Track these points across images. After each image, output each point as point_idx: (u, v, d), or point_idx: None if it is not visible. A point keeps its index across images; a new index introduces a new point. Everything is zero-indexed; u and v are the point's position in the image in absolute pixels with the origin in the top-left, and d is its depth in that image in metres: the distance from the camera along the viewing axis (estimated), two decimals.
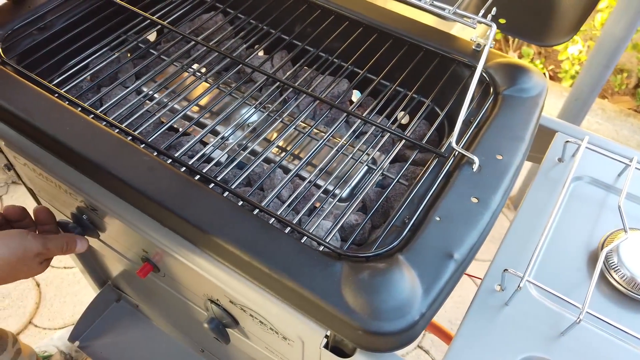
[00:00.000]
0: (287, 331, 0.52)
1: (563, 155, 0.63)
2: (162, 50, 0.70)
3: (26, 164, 0.63)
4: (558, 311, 0.50)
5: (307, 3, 0.72)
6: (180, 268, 0.58)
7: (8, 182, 1.71)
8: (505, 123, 0.57)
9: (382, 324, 0.41)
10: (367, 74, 0.68)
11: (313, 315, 0.45)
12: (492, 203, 0.50)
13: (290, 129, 0.62)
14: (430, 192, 0.51)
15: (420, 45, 0.66)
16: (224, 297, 0.55)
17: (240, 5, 0.76)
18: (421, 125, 0.67)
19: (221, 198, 0.49)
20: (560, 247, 0.56)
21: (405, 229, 0.48)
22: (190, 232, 0.49)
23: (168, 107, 0.64)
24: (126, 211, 0.55)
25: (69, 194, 0.62)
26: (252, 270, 0.46)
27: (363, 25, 0.69)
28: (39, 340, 1.39)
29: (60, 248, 0.57)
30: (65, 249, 0.58)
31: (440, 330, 0.77)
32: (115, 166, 0.50)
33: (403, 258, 0.45)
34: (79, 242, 0.60)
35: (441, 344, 1.38)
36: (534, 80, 0.61)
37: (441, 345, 1.40)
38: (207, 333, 0.61)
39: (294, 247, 0.46)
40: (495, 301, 0.51)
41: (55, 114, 0.55)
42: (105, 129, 0.54)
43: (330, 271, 0.44)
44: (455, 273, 0.45)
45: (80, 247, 0.60)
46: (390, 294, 0.43)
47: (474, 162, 0.52)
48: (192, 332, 0.90)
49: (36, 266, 0.55)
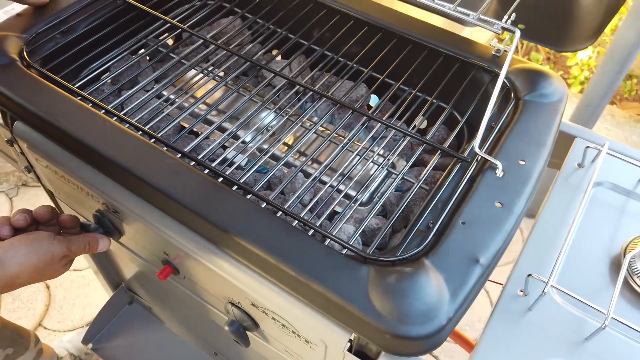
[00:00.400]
0: (310, 334, 0.52)
1: (583, 160, 0.63)
2: (182, 55, 0.71)
3: (48, 166, 0.64)
4: (582, 317, 0.50)
5: (326, 8, 0.73)
6: (201, 271, 0.58)
7: (18, 185, 1.72)
8: (527, 128, 0.57)
9: (410, 328, 0.41)
10: (385, 79, 0.69)
11: (339, 319, 0.45)
12: (516, 208, 0.50)
13: (311, 133, 0.63)
14: (454, 196, 0.52)
15: (439, 50, 0.67)
16: (245, 300, 0.55)
17: (259, 11, 0.76)
18: (440, 130, 0.67)
19: (246, 200, 0.49)
20: (582, 253, 0.56)
21: (430, 234, 0.48)
22: (215, 235, 0.50)
23: (188, 110, 0.65)
24: (149, 213, 0.55)
25: (91, 196, 0.62)
26: (278, 274, 0.47)
27: (382, 30, 0.70)
28: (49, 342, 1.39)
29: (84, 248, 0.59)
30: (87, 248, 0.59)
31: (459, 335, 0.76)
32: (142, 169, 0.51)
33: (429, 262, 0.45)
34: (101, 241, 0.61)
35: (450, 349, 1.37)
36: (554, 85, 0.62)
37: (450, 351, 1.39)
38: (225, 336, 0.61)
39: (320, 250, 0.46)
40: (518, 306, 0.51)
41: (80, 117, 0.55)
42: (129, 131, 0.55)
43: (357, 275, 0.44)
44: (481, 278, 0.45)
45: (103, 245, 0.61)
46: (418, 298, 0.43)
47: (497, 167, 0.52)
48: (207, 335, 0.91)
49: (61, 268, 0.56)
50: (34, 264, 0.54)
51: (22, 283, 0.54)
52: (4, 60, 0.60)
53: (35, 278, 0.55)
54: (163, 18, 0.71)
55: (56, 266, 0.56)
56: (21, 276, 0.53)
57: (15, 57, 0.61)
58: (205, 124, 0.69)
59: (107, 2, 0.71)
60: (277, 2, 0.76)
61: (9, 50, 0.62)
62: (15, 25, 0.65)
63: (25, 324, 1.41)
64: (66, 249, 0.56)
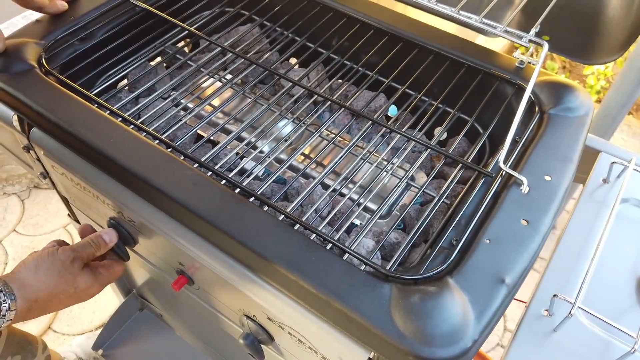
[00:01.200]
0: (327, 352, 0.51)
1: (609, 176, 0.61)
2: (200, 62, 0.70)
3: (64, 173, 0.63)
4: (609, 339, 0.49)
5: (346, 17, 0.72)
6: (217, 283, 0.57)
7: (30, 187, 1.73)
8: (552, 143, 0.56)
9: (434, 351, 0.40)
10: (406, 90, 0.68)
11: (359, 338, 0.44)
12: (542, 226, 0.49)
13: (329, 145, 0.62)
14: (478, 213, 0.50)
15: (462, 61, 0.65)
16: (261, 314, 0.54)
17: (277, 18, 0.75)
18: (461, 142, 0.66)
19: (264, 213, 0.48)
20: (608, 272, 0.54)
21: (454, 251, 0.47)
22: (232, 247, 0.49)
23: (206, 119, 0.64)
24: (165, 224, 0.55)
25: (106, 204, 0.61)
26: (297, 289, 0.45)
27: (403, 40, 0.69)
28: (58, 345, 1.39)
29: (89, 245, 0.60)
30: (94, 245, 0.61)
31: (481, 356, 0.75)
32: (159, 179, 0.50)
33: (453, 282, 0.44)
34: (106, 235, 0.62)
35: None
36: (580, 99, 0.60)
37: None
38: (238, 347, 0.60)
39: (340, 266, 0.45)
40: (542, 327, 0.50)
41: (97, 125, 0.55)
42: (147, 140, 0.54)
43: (379, 293, 0.43)
44: (506, 298, 0.44)
45: (109, 238, 0.62)
46: (443, 319, 0.41)
47: (522, 183, 0.51)
48: (219, 345, 0.90)
49: (80, 272, 0.59)
50: (46, 272, 0.56)
51: (46, 301, 0.56)
52: (23, 67, 0.60)
53: (60, 292, 0.56)
54: (181, 25, 0.70)
55: (74, 270, 0.57)
56: (41, 290, 0.55)
57: (33, 63, 0.61)
58: (222, 133, 0.69)
59: (126, 9, 0.71)
60: (296, 10, 0.75)
61: (28, 57, 0.61)
62: (34, 32, 0.65)
63: (35, 327, 1.41)
64: (70, 250, 0.58)
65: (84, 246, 0.60)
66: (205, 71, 0.69)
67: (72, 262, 0.58)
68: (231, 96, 0.68)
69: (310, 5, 0.75)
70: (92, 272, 0.61)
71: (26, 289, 0.54)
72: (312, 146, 0.71)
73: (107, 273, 0.63)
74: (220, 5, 0.78)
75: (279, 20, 0.75)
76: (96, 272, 0.61)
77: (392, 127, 0.61)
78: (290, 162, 0.61)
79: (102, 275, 0.62)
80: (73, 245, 0.60)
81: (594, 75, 1.95)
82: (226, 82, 0.70)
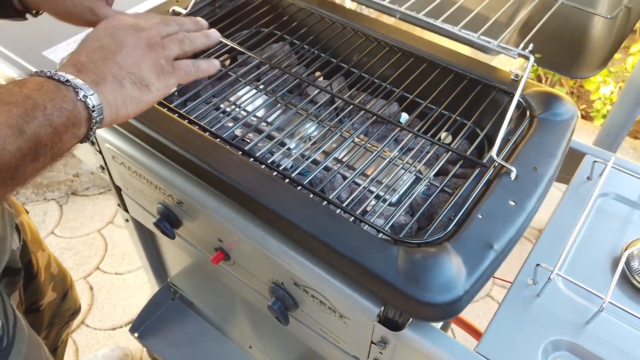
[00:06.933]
0: (345, 309, 0.60)
1: (591, 174, 0.71)
2: (239, 73, 0.82)
3: (123, 162, 0.75)
4: (584, 304, 0.57)
5: (365, 36, 0.83)
6: (251, 255, 0.67)
7: (68, 193, 1.86)
8: (540, 141, 0.66)
9: (433, 296, 0.49)
10: (415, 98, 0.78)
11: (373, 289, 0.54)
12: (527, 206, 0.58)
13: (349, 142, 0.72)
14: (473, 195, 0.60)
15: (464, 74, 0.76)
16: (289, 280, 0.64)
17: (305, 38, 0.87)
18: (463, 143, 0.76)
19: (297, 191, 0.59)
20: (587, 254, 0.63)
21: (451, 224, 0.57)
22: (270, 217, 0.59)
23: (242, 121, 0.75)
24: (211, 202, 0.65)
25: (158, 189, 0.72)
26: (323, 250, 0.55)
27: (414, 56, 0.80)
28: (91, 339, 1.49)
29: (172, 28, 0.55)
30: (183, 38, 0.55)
31: (469, 326, 0.85)
32: (211, 161, 0.61)
33: (450, 246, 0.54)
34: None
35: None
36: (566, 106, 0.70)
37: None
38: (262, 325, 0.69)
39: (359, 232, 0.55)
40: (528, 293, 0.58)
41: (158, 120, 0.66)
42: (198, 131, 0.65)
43: (389, 253, 0.53)
44: (494, 260, 0.53)
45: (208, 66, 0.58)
46: (440, 272, 0.51)
47: (512, 172, 0.61)
48: (244, 326, 0.99)
49: (143, 45, 0.51)
50: (88, 39, 0.50)
51: (95, 61, 0.48)
52: None
53: (103, 54, 0.49)
54: (225, 41, 0.82)
55: (125, 39, 0.50)
56: (83, 55, 0.49)
57: None
58: (256, 133, 0.80)
59: None
60: (322, 31, 0.87)
61: None
62: None
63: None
64: (135, 18, 0.52)
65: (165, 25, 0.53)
66: (243, 81, 0.81)
67: (137, 30, 0.51)
68: (263, 102, 0.80)
69: (334, 26, 0.86)
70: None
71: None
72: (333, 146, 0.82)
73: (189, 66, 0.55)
74: (257, 26, 0.90)
75: (306, 39, 0.87)
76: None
77: (403, 127, 0.71)
78: (314, 157, 0.71)
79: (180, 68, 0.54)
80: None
81: (600, 101, 2.04)
82: (259, 90, 0.82)
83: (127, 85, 0.49)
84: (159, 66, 0.51)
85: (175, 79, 0.53)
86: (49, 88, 0.43)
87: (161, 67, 0.51)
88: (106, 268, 1.67)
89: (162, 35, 0.53)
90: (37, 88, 0.43)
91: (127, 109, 0.49)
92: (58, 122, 0.43)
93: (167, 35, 0.54)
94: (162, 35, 0.53)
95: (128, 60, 0.49)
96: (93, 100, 0.45)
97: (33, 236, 0.85)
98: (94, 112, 0.45)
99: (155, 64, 0.51)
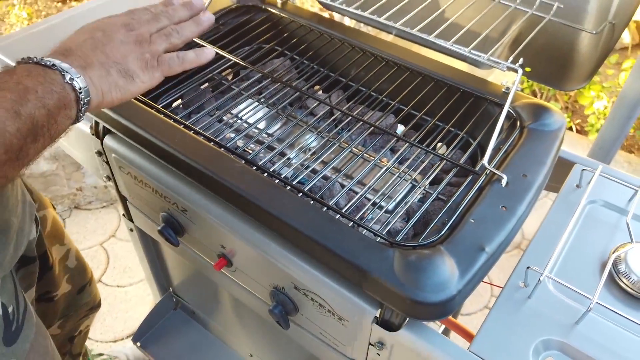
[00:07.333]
0: (343, 311, 0.62)
1: (580, 182, 0.73)
2: (241, 87, 0.85)
3: (129, 172, 0.78)
4: (573, 305, 0.59)
5: (362, 51, 0.87)
6: (253, 260, 0.69)
7: (71, 207, 1.89)
8: (529, 150, 0.69)
9: (427, 295, 0.52)
10: (410, 111, 0.81)
11: (370, 290, 0.56)
12: (518, 211, 0.61)
13: (347, 152, 0.75)
14: (466, 201, 0.63)
15: (457, 87, 0.79)
16: (289, 284, 0.66)
17: (305, 53, 0.91)
18: (456, 153, 0.79)
19: (298, 197, 0.62)
20: (576, 258, 0.65)
21: (445, 228, 0.59)
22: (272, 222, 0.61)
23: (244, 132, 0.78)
24: (215, 209, 0.68)
25: (163, 197, 0.75)
26: (322, 254, 0.58)
27: (409, 70, 0.83)
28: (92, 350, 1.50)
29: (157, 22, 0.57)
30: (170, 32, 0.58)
31: (459, 327, 0.87)
32: (216, 170, 0.64)
33: (444, 248, 0.56)
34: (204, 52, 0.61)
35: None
36: (554, 117, 0.73)
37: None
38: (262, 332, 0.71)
39: (357, 236, 0.57)
40: (519, 295, 0.61)
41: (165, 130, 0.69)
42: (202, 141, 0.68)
43: (385, 255, 0.55)
44: (486, 262, 0.56)
45: (205, 55, 0.61)
46: (434, 273, 0.53)
47: (503, 179, 0.64)
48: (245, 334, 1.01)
49: (131, 41, 0.54)
50: (77, 32, 0.54)
51: (82, 49, 0.52)
52: None
53: (92, 44, 0.52)
54: (229, 57, 0.85)
55: (114, 35, 0.53)
56: (71, 44, 0.52)
57: None
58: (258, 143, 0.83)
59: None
60: (321, 47, 0.90)
61: None
62: None
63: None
64: (127, 14, 0.56)
65: (143, 14, 0.57)
66: (245, 94, 0.84)
67: (122, 25, 0.55)
68: (264, 114, 0.83)
69: (332, 42, 0.90)
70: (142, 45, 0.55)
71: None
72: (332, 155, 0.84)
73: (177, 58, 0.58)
74: (259, 42, 0.94)
75: (306, 55, 0.91)
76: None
77: (400, 137, 0.74)
78: (313, 167, 0.74)
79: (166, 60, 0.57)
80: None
81: (594, 115, 2.08)
82: (261, 103, 0.85)
83: (113, 73, 0.52)
84: (144, 60, 0.55)
85: (159, 72, 0.56)
86: (37, 73, 0.47)
87: (146, 61, 0.55)
88: (108, 281, 1.68)
89: (151, 32, 0.57)
90: (26, 74, 0.46)
91: (112, 94, 0.52)
92: (50, 104, 0.46)
93: (157, 30, 0.57)
94: (151, 32, 0.57)
95: (115, 52, 0.53)
96: (79, 83, 0.49)
97: (54, 230, 0.89)
98: (81, 93, 0.49)
99: (140, 58, 0.54)
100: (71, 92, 0.48)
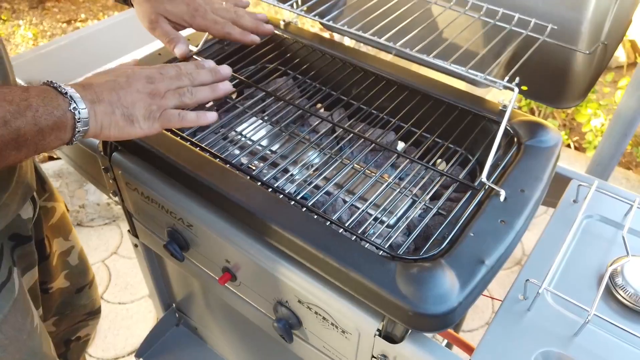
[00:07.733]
0: (346, 324, 0.63)
1: (577, 197, 0.75)
2: (245, 106, 0.88)
3: (136, 188, 0.79)
4: (572, 317, 0.61)
5: (363, 71, 0.89)
6: (257, 274, 0.71)
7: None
8: (527, 166, 0.70)
9: (428, 307, 0.53)
10: (410, 128, 0.83)
11: (372, 302, 0.57)
12: (516, 225, 0.62)
13: (348, 168, 0.77)
14: (465, 215, 0.64)
15: (455, 105, 0.82)
16: (293, 298, 0.68)
17: (307, 72, 0.93)
18: (456, 169, 0.81)
19: (302, 212, 0.63)
20: (574, 271, 0.67)
21: (445, 241, 0.61)
22: (276, 235, 0.63)
23: (248, 149, 0.80)
24: (219, 224, 0.69)
25: (169, 213, 0.77)
26: (326, 266, 0.59)
27: (409, 89, 0.86)
28: None
29: (177, 77, 0.64)
30: (193, 76, 0.65)
31: (461, 341, 0.88)
32: (221, 185, 0.65)
33: (444, 261, 0.58)
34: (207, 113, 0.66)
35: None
36: (551, 134, 0.75)
37: None
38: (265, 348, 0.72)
39: (360, 249, 0.59)
40: (519, 308, 0.62)
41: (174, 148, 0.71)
42: (208, 157, 0.70)
43: (387, 268, 0.57)
44: (486, 275, 0.57)
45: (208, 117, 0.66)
46: (435, 285, 0.55)
47: (501, 194, 0.65)
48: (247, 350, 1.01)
49: (146, 92, 0.60)
50: (108, 71, 0.61)
51: (101, 87, 0.57)
52: None
53: (111, 86, 0.58)
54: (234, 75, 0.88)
55: (134, 83, 0.59)
56: (94, 80, 0.59)
57: None
58: (261, 160, 0.85)
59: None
60: (323, 66, 0.93)
61: None
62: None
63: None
64: (155, 69, 0.62)
65: (169, 71, 0.63)
66: (249, 112, 0.87)
67: (145, 78, 0.61)
68: (268, 131, 0.85)
69: (334, 62, 0.93)
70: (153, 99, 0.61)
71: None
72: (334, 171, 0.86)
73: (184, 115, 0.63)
74: (262, 62, 0.96)
75: (308, 74, 0.93)
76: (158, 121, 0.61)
77: (401, 153, 0.76)
78: (315, 182, 0.76)
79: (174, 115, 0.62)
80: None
81: (592, 133, 2.11)
82: (265, 121, 0.87)
83: (117, 113, 0.58)
84: (150, 110, 0.60)
85: (158, 124, 0.61)
86: (49, 95, 0.53)
87: (150, 111, 0.60)
88: (110, 298, 1.69)
89: (168, 89, 0.62)
90: (38, 94, 0.52)
91: (110, 131, 0.58)
92: (44, 124, 0.51)
93: (175, 88, 0.63)
94: (168, 89, 0.62)
95: (128, 97, 0.59)
96: (81, 113, 0.54)
97: (60, 224, 0.92)
98: (79, 122, 0.54)
99: (147, 108, 0.60)
100: (70, 120, 0.54)
